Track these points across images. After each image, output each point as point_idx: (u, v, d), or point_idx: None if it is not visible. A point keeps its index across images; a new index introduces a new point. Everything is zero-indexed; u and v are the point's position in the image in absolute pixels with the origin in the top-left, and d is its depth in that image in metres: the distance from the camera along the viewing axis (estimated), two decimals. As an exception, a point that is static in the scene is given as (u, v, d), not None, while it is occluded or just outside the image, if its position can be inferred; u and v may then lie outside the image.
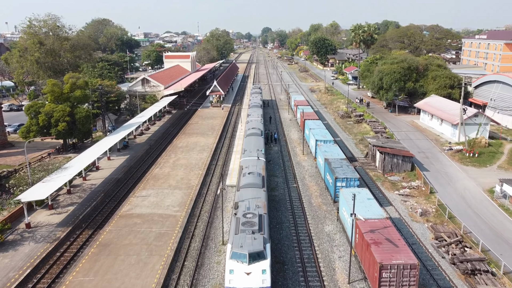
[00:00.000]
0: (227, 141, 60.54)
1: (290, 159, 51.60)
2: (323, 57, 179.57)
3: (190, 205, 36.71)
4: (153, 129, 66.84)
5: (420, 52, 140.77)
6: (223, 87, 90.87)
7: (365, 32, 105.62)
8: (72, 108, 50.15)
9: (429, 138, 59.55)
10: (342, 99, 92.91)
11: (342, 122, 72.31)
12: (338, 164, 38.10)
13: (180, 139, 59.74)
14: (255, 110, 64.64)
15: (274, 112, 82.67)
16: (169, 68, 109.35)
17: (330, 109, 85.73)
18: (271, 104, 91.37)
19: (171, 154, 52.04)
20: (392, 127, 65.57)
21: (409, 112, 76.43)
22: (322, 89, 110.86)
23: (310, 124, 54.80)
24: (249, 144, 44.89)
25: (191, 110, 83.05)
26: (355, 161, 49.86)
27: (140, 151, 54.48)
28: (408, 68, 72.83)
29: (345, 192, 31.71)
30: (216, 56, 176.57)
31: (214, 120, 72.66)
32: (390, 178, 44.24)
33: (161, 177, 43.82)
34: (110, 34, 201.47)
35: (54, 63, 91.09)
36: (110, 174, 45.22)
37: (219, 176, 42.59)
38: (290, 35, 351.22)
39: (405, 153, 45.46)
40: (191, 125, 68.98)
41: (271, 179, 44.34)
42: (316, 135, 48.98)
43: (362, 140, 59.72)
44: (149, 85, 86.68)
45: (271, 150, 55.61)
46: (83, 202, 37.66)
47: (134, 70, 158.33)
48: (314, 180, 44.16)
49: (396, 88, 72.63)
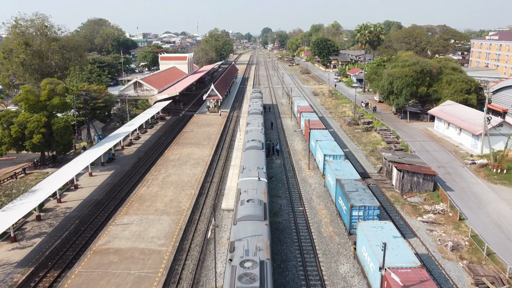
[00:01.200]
0: (224, 152, 54.93)
1: (294, 174, 45.99)
2: (325, 59, 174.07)
3: (178, 236, 31.10)
4: (144, 138, 61.22)
5: (426, 53, 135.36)
6: (221, 91, 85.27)
7: (371, 32, 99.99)
8: (49, 118, 44.57)
9: (447, 149, 53.96)
10: (348, 104, 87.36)
11: (349, 130, 66.69)
12: (353, 187, 32.51)
13: (173, 150, 54.15)
14: (255, 117, 59.01)
15: (275, 118, 77.08)
16: (165, 71, 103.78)
17: (336, 114, 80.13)
18: (272, 109, 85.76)
19: (161, 169, 46.43)
20: (404, 136, 59.99)
21: (421, 119, 70.85)
22: (325, 93, 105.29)
23: (317, 134, 49.22)
24: (249, 160, 39.28)
25: (186, 116, 77.46)
26: (368, 177, 44.25)
27: (127, 165, 48.86)
28: (421, 72, 67.23)
29: (365, 227, 26.11)
30: (215, 57, 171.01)
31: (210, 127, 67.04)
32: (410, 199, 38.64)
33: (148, 198, 38.20)
34: (106, 34, 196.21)
35: (42, 65, 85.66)
36: (90, 195, 39.60)
37: (211, 207, 36.99)
38: (291, 35, 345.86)
39: (427, 170, 39.86)
40: (185, 133, 63.37)
41: (273, 200, 38.75)
42: (324, 148, 43.39)
43: (373, 152, 54.15)
44: (141, 89, 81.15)
45: (273, 163, 50.00)
46: (53, 232, 32.05)
47: (130, 72, 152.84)
48: (323, 201, 38.56)
49: (408, 93, 67.03)
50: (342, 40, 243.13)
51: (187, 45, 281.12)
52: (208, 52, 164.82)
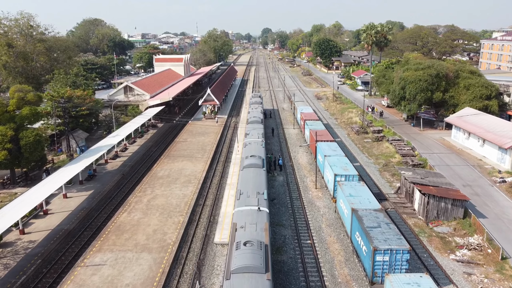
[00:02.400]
0: (220, 167, 49.05)
1: (299, 196, 40.09)
2: (327, 60, 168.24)
3: (159, 284, 25.22)
4: (132, 150, 55.33)
5: (432, 54, 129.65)
6: (218, 95, 79.43)
7: (378, 33, 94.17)
8: (17, 131, 38.70)
9: (470, 163, 48.09)
10: (354, 109, 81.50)
11: (358, 140, 60.81)
12: (373, 221, 26.66)
13: (162, 164, 48.29)
14: (254, 127, 53.14)
15: (276, 125, 71.19)
16: (159, 73, 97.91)
17: (342, 121, 74.25)
18: (273, 115, 79.81)
19: (147, 189, 40.57)
20: (419, 147, 54.13)
21: (435, 127, 64.98)
22: (329, 96, 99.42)
23: (324, 148, 43.38)
24: (247, 181, 33.44)
25: (180, 123, 71.62)
26: (385, 199, 38.38)
27: (109, 183, 42.98)
28: (436, 76, 61.36)
29: (395, 282, 20.27)
30: (213, 58, 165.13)
31: (206, 137, 61.14)
32: (437, 229, 32.78)
33: (128, 228, 32.34)
34: (102, 35, 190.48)
35: (27, 68, 79.92)
36: (61, 223, 33.75)
37: (200, 240, 30.92)
38: (291, 36, 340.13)
39: (456, 194, 33.99)
40: (178, 144, 57.49)
41: (276, 230, 32.90)
42: (334, 166, 37.52)
43: (387, 166, 48.31)
44: (132, 94, 75.33)
45: (274, 181, 44.12)
46: (6, 278, 26.18)
47: (125, 74, 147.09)
48: (335, 232, 32.70)
49: (422, 99, 61.17)
50: (344, 41, 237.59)
51: (185, 46, 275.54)
52: (206, 53, 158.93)
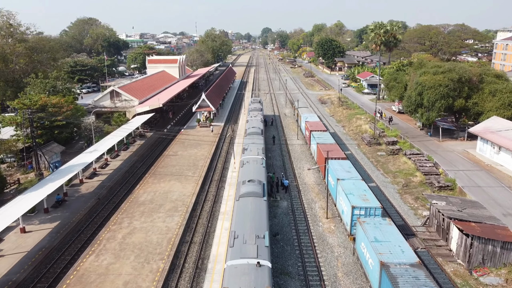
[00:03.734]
0: (213, 188, 42.16)
1: (308, 228, 33.18)
2: (330, 60, 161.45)
3: None
4: (113, 166, 48.38)
5: (442, 55, 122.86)
6: (214, 100, 72.55)
7: (387, 32, 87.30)
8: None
9: (505, 184, 41.14)
10: (363, 115, 74.66)
11: (370, 153, 53.96)
12: (412, 284, 19.81)
13: (146, 185, 41.42)
14: (254, 140, 46.19)
15: (278, 134, 64.32)
16: (151, 76, 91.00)
17: (350, 129, 67.37)
18: (275, 122, 72.90)
19: (124, 219, 33.73)
20: (442, 161, 47.27)
21: (455, 137, 58.16)
22: (334, 100, 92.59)
23: (336, 168, 36.53)
24: (243, 219, 26.55)
25: (172, 131, 64.79)
26: (412, 235, 31.53)
27: (80, 210, 36.10)
28: (458, 80, 54.51)
29: None
30: (211, 59, 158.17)
31: (199, 149, 54.24)
32: (484, 280, 25.93)
33: (92, 279, 25.47)
34: (96, 34, 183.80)
35: (5, 71, 73.12)
36: (9, 271, 26.83)
37: None
38: (292, 35, 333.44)
39: (507, 235, 27.11)
40: (167, 158, 50.62)
41: (280, 281, 26.03)
42: (351, 194, 30.63)
43: (407, 187, 41.49)
44: (119, 99, 68.42)
45: (277, 208, 37.24)
46: None
47: (119, 75, 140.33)
48: (355, 285, 25.82)
49: (442, 106, 54.32)
50: (345, 41, 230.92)
51: (183, 46, 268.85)
52: (204, 53, 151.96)
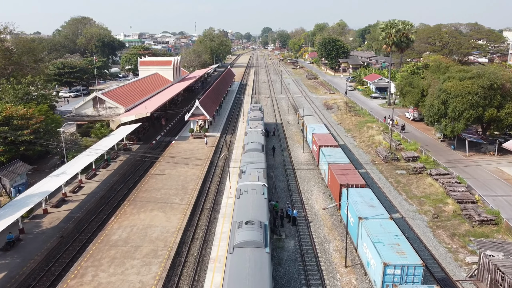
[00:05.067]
0: (204, 220, 34.81)
1: (322, 283, 25.88)
2: (333, 61, 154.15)
3: None
4: (88, 188, 41.03)
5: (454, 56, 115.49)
6: (209, 107, 65.25)
7: (399, 31, 79.94)
8: None
9: (557, 215, 33.98)
10: (374, 123, 67.46)
11: (388, 170, 46.69)
12: None
13: (123, 217, 34.12)
14: (253, 157, 38.75)
15: (281, 147, 57.03)
16: (142, 79, 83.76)
17: (361, 141, 60.04)
18: (277, 131, 65.63)
19: (89, 269, 26.44)
20: (474, 183, 40.04)
21: (483, 151, 50.95)
22: (341, 106, 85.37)
23: (356, 200, 29.23)
24: (238, 284, 19.34)
25: (161, 143, 57.54)
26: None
27: (35, 255, 28.78)
28: (489, 87, 47.25)
29: None
30: (209, 60, 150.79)
31: (190, 166, 46.91)
32: None
33: None
34: (90, 34, 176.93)
35: (-23, 75, 66.14)
36: None
37: None
38: (293, 35, 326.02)
39: None
40: (152, 178, 43.32)
41: None
42: (381, 246, 23.27)
43: (439, 219, 34.24)
44: (103, 107, 61.21)
45: (282, 251, 29.89)
46: None
47: (111, 78, 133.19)
48: None
49: (470, 117, 47.08)
50: (347, 41, 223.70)
51: (181, 46, 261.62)
52: (201, 54, 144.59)
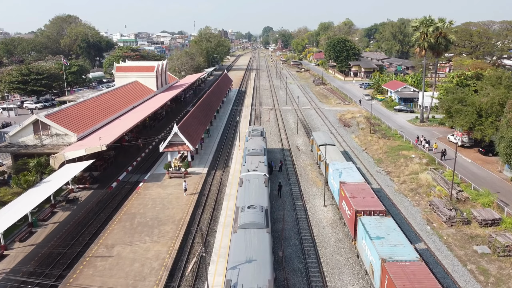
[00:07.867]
0: None
1: None
2: (343, 64, 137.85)
3: None
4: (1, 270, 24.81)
5: (486, 59, 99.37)
6: (193, 132, 48.80)
7: (437, 30, 63.52)
8: None
9: None
10: (411, 150, 51.39)
11: (459, 245, 30.13)
12: None
13: None
14: (252, 237, 22.49)
15: (291, 194, 40.53)
16: (114, 90, 67.35)
17: (401, 181, 43.33)
18: (284, 164, 49.12)
19: None
20: None
21: None
22: (360, 121, 69.16)
23: None
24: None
25: (125, 186, 41.28)
26: None
27: None
28: None
29: None
30: (203, 63, 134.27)
31: (154, 240, 30.42)
32: None
33: None
34: (75, 34, 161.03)
35: None
36: None
37: None
38: (295, 35, 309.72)
39: None
40: (87, 267, 26.90)
41: None
42: None
43: None
44: (48, 134, 44.89)
45: None
46: None
47: (99, 83, 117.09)
48: None
49: None
50: (354, 40, 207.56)
51: (177, 46, 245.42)
52: (195, 56, 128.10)
